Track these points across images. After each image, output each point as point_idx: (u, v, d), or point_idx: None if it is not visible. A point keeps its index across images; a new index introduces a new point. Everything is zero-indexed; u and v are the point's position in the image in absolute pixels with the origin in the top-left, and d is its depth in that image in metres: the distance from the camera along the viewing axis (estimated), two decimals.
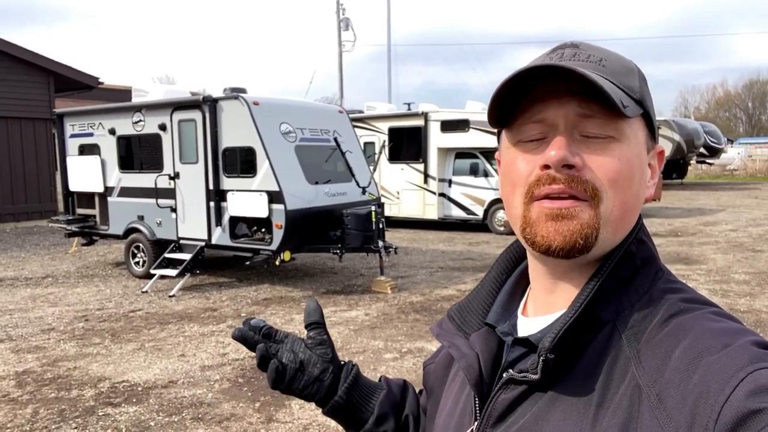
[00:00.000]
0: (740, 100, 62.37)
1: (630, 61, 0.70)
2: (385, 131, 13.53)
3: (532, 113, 0.66)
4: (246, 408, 4.10)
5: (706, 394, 0.53)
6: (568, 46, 0.69)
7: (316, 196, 7.59)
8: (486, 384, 0.72)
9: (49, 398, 4.30)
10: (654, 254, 0.70)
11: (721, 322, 0.60)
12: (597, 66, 0.66)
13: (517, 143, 0.68)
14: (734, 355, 0.54)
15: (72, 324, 6.25)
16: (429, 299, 7.06)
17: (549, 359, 0.63)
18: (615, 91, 0.62)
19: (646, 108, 0.67)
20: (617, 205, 0.64)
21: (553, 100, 0.64)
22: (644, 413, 0.56)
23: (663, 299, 0.65)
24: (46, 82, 15.50)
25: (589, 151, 0.64)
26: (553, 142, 0.64)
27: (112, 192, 8.99)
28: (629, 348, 0.62)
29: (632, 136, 0.65)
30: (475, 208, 12.79)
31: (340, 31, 25.10)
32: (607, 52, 0.69)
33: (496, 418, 0.69)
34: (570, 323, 0.64)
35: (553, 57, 0.68)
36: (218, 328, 6.03)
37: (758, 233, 11.85)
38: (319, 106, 9.39)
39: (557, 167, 0.63)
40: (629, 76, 0.67)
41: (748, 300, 6.69)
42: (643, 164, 0.67)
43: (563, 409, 0.63)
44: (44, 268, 9.35)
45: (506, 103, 0.67)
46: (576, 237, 0.64)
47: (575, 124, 0.64)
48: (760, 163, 34.67)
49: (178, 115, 8.08)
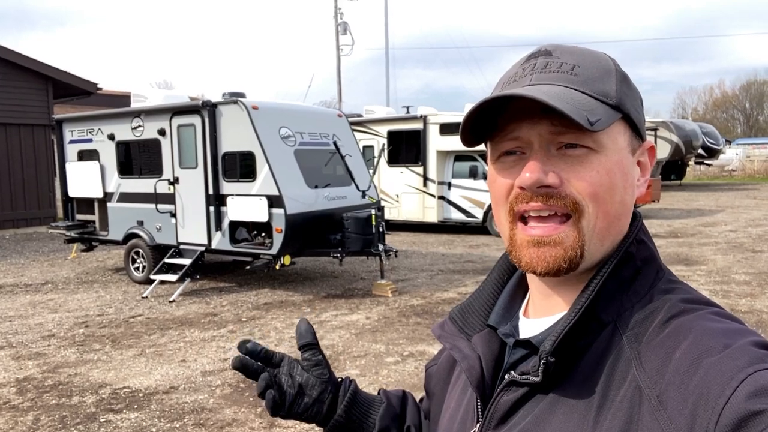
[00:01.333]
0: (738, 101, 62.50)
1: (606, 61, 0.69)
2: (384, 135, 13.54)
3: (507, 131, 0.66)
4: (248, 413, 4.08)
5: (706, 395, 0.53)
6: (542, 54, 0.69)
7: (316, 200, 7.59)
8: (488, 386, 0.72)
9: (50, 405, 4.29)
10: (654, 254, 0.70)
11: (722, 322, 0.60)
12: (568, 76, 0.65)
13: (496, 160, 0.69)
14: (734, 357, 0.54)
15: (72, 330, 6.23)
16: (430, 302, 7.05)
17: (550, 362, 0.63)
18: (582, 107, 0.62)
19: (625, 110, 0.66)
20: (600, 216, 0.65)
21: (526, 118, 0.65)
22: (645, 415, 0.56)
23: (664, 300, 0.64)
24: (45, 88, 15.50)
25: (566, 166, 0.64)
26: (527, 165, 0.64)
27: (112, 197, 8.97)
28: (630, 349, 0.62)
29: (610, 143, 0.65)
30: (475, 211, 12.79)
31: (338, 35, 25.14)
32: (581, 55, 0.68)
33: (498, 420, 0.69)
34: (571, 326, 0.64)
35: (526, 69, 0.68)
36: (219, 333, 6.01)
37: (758, 234, 11.86)
38: (319, 110, 9.40)
39: (532, 189, 0.64)
40: (605, 80, 0.66)
41: (748, 300, 6.69)
42: (626, 169, 0.67)
43: (564, 411, 0.63)
44: (44, 275, 9.33)
45: (479, 125, 0.67)
46: (560, 262, 0.65)
47: (550, 140, 0.64)
48: (759, 163, 34.69)
49: (177, 120, 8.08)
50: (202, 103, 7.75)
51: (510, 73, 0.71)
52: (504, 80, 0.71)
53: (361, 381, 4.63)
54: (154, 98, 8.89)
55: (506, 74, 0.72)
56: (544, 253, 0.65)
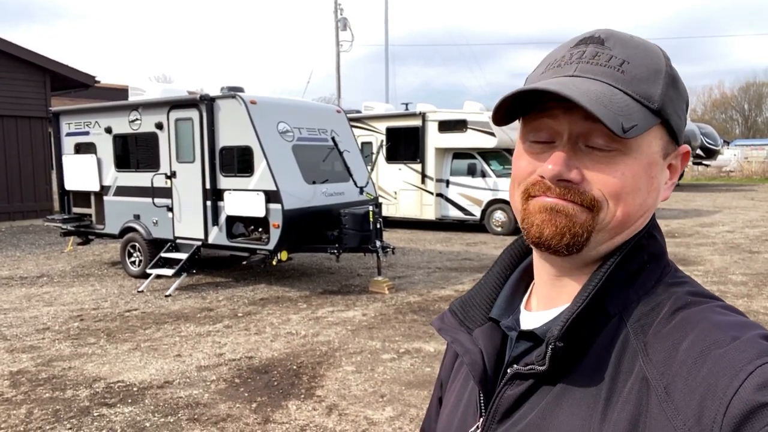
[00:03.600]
0: (736, 102, 62.59)
1: (659, 59, 0.66)
2: (382, 131, 13.51)
3: (542, 114, 0.66)
4: (242, 409, 4.07)
5: (714, 387, 0.53)
6: (594, 41, 0.66)
7: (314, 196, 7.56)
8: (491, 380, 0.72)
9: (43, 398, 4.26)
10: (663, 250, 0.70)
11: (729, 315, 0.60)
12: (614, 72, 0.63)
13: (526, 141, 0.69)
14: (742, 349, 0.54)
15: (67, 324, 6.20)
16: (427, 300, 7.03)
17: (558, 347, 0.62)
18: (619, 112, 0.60)
19: (666, 116, 0.64)
20: (618, 215, 0.64)
21: (561, 106, 0.64)
22: (653, 407, 0.56)
23: (670, 292, 0.64)
24: (42, 80, 15.42)
25: (591, 163, 0.64)
26: (552, 156, 0.64)
27: (108, 191, 8.93)
28: (636, 341, 0.62)
29: (643, 147, 0.64)
30: (473, 209, 12.78)
31: (338, 31, 25.07)
32: (635, 48, 0.65)
33: (502, 415, 0.68)
34: (579, 311, 0.63)
35: (574, 54, 0.66)
36: (215, 328, 5.99)
37: (755, 234, 11.87)
38: (317, 106, 9.36)
39: (552, 181, 0.64)
40: (651, 81, 0.64)
41: (745, 301, 6.69)
42: (654, 173, 0.66)
43: (571, 403, 0.62)
44: (39, 268, 9.29)
45: (513, 105, 0.66)
46: (565, 232, 0.64)
47: (581, 132, 0.63)
48: (756, 164, 34.76)
49: (174, 114, 8.04)
50: (200, 97, 7.70)
51: (557, 54, 0.69)
52: (549, 60, 0.69)
53: (356, 378, 4.62)
54: (151, 92, 8.84)
55: (553, 54, 0.70)
56: (554, 218, 0.65)
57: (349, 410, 4.03)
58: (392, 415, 3.95)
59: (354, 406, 4.09)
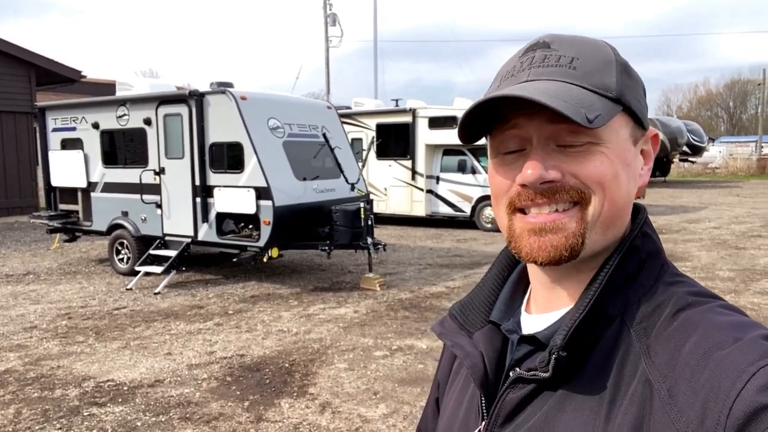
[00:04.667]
0: (721, 99, 63.27)
1: (606, 51, 0.67)
2: (372, 127, 13.47)
3: (506, 122, 0.66)
4: (235, 407, 4.04)
5: (717, 388, 0.52)
6: (540, 46, 0.67)
7: (305, 193, 7.52)
8: (492, 383, 0.71)
9: (32, 398, 4.20)
10: (659, 248, 0.69)
11: (730, 315, 0.60)
12: (567, 70, 0.64)
13: (497, 155, 0.68)
14: (745, 350, 0.54)
15: (55, 322, 6.12)
16: (418, 296, 7.04)
17: (561, 357, 0.62)
18: (581, 104, 0.60)
19: (626, 102, 0.65)
20: (606, 206, 0.64)
21: (524, 113, 0.64)
22: (656, 409, 0.56)
23: (670, 293, 0.64)
24: (27, 75, 15.19)
25: (567, 160, 0.64)
26: (528, 162, 0.63)
27: (96, 187, 8.82)
28: (639, 343, 0.61)
29: (612, 136, 0.64)
30: (463, 205, 12.80)
31: (327, 26, 24.94)
32: (581, 45, 0.66)
33: (504, 418, 0.68)
34: (580, 319, 0.63)
35: (524, 62, 0.67)
36: (205, 326, 5.95)
37: (741, 231, 12.01)
38: (308, 102, 9.31)
39: (534, 186, 0.63)
40: (604, 72, 0.64)
41: (733, 297, 6.76)
42: (629, 160, 0.66)
43: (574, 407, 0.62)
44: (25, 265, 9.16)
45: (477, 120, 0.66)
46: (560, 250, 0.64)
47: (549, 134, 0.63)
48: (741, 161, 35.21)
49: (163, 110, 7.95)
50: (190, 92, 7.63)
51: (508, 66, 0.69)
52: (502, 74, 0.69)
53: (349, 375, 4.60)
54: (139, 87, 8.74)
55: (504, 67, 0.70)
56: (545, 242, 0.64)
57: (342, 408, 4.02)
58: (386, 413, 3.95)
59: (347, 404, 4.08)
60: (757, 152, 39.22)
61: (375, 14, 26.23)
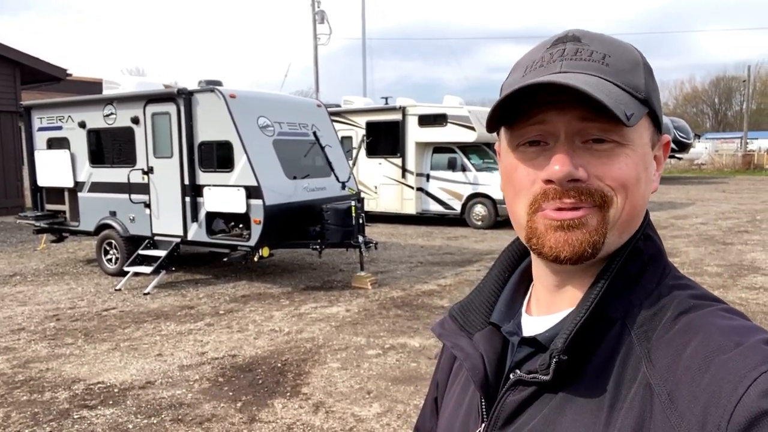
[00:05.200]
0: (707, 96, 63.90)
1: (635, 52, 0.66)
2: (362, 125, 13.45)
3: (531, 116, 0.64)
4: (227, 408, 4.01)
5: (718, 393, 0.52)
6: (570, 39, 0.65)
7: (295, 191, 7.49)
8: (492, 385, 0.71)
9: (21, 401, 4.15)
10: (661, 250, 0.69)
11: (732, 319, 0.60)
12: (600, 65, 0.63)
13: (516, 147, 0.66)
14: (747, 354, 0.53)
15: (43, 324, 6.05)
16: (410, 294, 7.03)
17: (562, 360, 0.62)
18: (619, 99, 0.60)
19: (652, 105, 0.64)
20: (627, 209, 0.63)
21: (553, 106, 0.62)
22: (656, 413, 0.56)
23: (672, 296, 0.63)
24: (12, 73, 14.98)
25: (593, 160, 0.62)
26: (555, 157, 0.62)
27: (83, 187, 8.72)
28: (640, 347, 0.61)
29: (637, 138, 0.64)
30: (453, 203, 12.82)
31: (316, 23, 24.84)
32: (611, 44, 0.66)
33: (504, 420, 0.67)
34: (582, 322, 0.62)
35: (554, 54, 0.65)
36: (196, 326, 5.90)
37: (728, 226, 12.14)
38: (298, 100, 9.27)
39: (562, 182, 0.62)
40: (634, 72, 0.64)
41: (721, 292, 6.83)
42: (648, 163, 0.66)
43: (575, 411, 0.61)
44: (12, 266, 9.04)
45: (503, 111, 0.64)
46: (585, 246, 0.63)
47: (577, 129, 0.62)
48: (727, 158, 35.59)
49: (151, 108, 7.87)
50: (178, 90, 7.56)
51: (534, 56, 0.67)
52: (526, 63, 0.67)
53: (342, 374, 4.59)
54: (126, 85, 8.64)
55: (528, 57, 0.68)
56: (570, 237, 0.63)
57: (335, 407, 4.01)
58: (379, 411, 3.94)
59: (341, 403, 4.07)
60: (743, 148, 39.67)
61: (363, 11, 26.18)
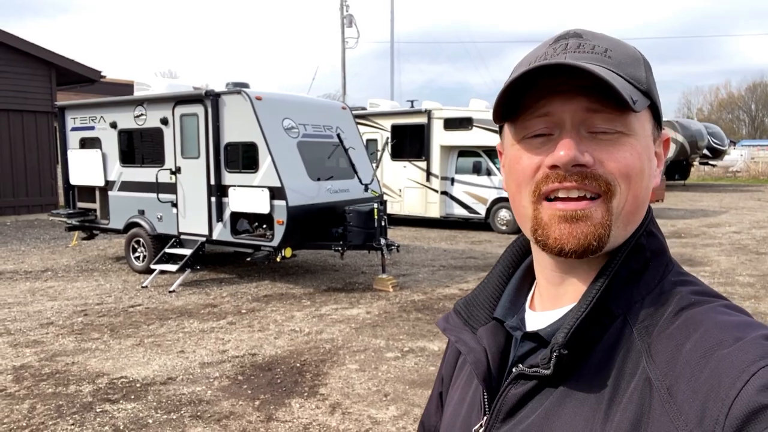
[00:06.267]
0: (743, 102, 62.19)
1: (634, 49, 0.68)
2: (387, 128, 13.46)
3: (536, 108, 0.65)
4: (245, 406, 4.04)
5: (717, 388, 0.52)
6: (571, 35, 0.67)
7: (318, 193, 7.53)
8: (494, 379, 0.72)
9: (46, 393, 4.25)
10: (664, 247, 0.69)
11: (733, 315, 0.60)
12: (603, 57, 0.64)
13: (521, 140, 0.67)
14: (746, 349, 0.54)
15: (71, 318, 6.20)
16: (431, 298, 7.00)
17: (563, 355, 0.62)
18: (624, 86, 0.61)
19: (653, 98, 0.65)
20: (630, 200, 0.64)
21: (558, 95, 0.63)
22: (655, 407, 0.56)
23: (674, 292, 0.64)
24: (48, 74, 15.43)
25: (598, 148, 0.63)
26: (561, 143, 0.62)
27: (113, 186, 8.93)
28: (640, 342, 0.61)
29: (640, 129, 0.64)
30: (478, 207, 12.73)
31: (344, 27, 25.00)
32: (611, 40, 0.67)
33: (506, 414, 0.68)
34: (583, 317, 0.63)
35: (557, 48, 0.66)
36: (218, 324, 5.97)
37: (762, 235, 11.78)
38: (322, 102, 9.33)
39: (567, 167, 0.62)
40: (635, 66, 0.65)
41: (753, 303, 6.63)
42: (651, 156, 0.67)
43: (574, 404, 0.62)
44: (44, 262, 9.30)
45: (510, 100, 0.66)
46: (590, 239, 0.63)
47: (582, 119, 0.63)
48: (763, 165, 34.54)
49: (180, 110, 8.02)
50: (206, 92, 7.68)
51: (538, 52, 0.68)
52: (530, 60, 0.68)
53: (360, 376, 4.59)
54: (157, 87, 8.83)
55: (532, 54, 0.69)
56: (575, 229, 0.63)
57: (352, 409, 4.01)
58: (396, 414, 3.92)
59: (357, 405, 4.07)
60: None
61: (392, 15, 26.24)
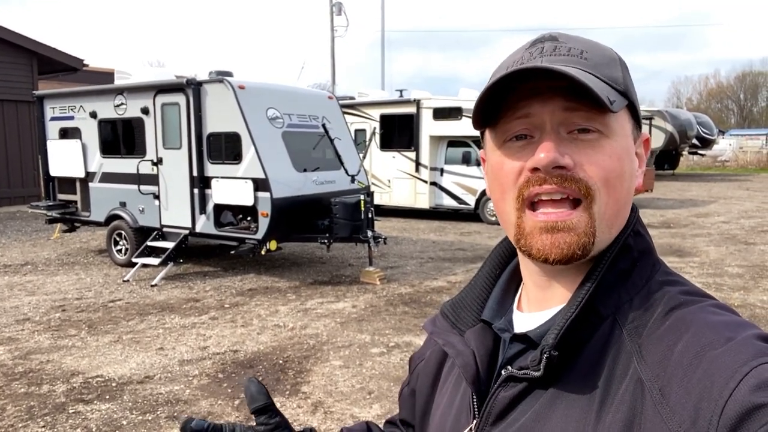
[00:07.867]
0: (732, 92, 62.45)
1: (610, 50, 0.68)
2: (376, 118, 13.29)
3: (515, 110, 0.64)
4: (224, 406, 3.92)
5: (710, 388, 0.52)
6: (547, 39, 0.67)
7: (304, 184, 7.38)
8: (483, 381, 0.71)
9: (18, 394, 4.10)
10: (651, 246, 0.69)
11: (723, 315, 0.60)
12: (579, 59, 0.64)
13: (502, 145, 0.67)
14: (738, 350, 0.53)
15: (48, 314, 6.03)
16: (418, 291, 6.90)
17: (553, 356, 0.62)
18: (600, 87, 0.60)
19: (631, 98, 0.65)
20: (611, 203, 0.64)
21: (536, 97, 0.63)
22: (648, 408, 0.55)
23: (662, 292, 0.63)
24: (29, 63, 15.09)
25: (578, 150, 0.63)
26: (541, 145, 0.62)
27: (94, 177, 8.72)
28: (631, 343, 0.61)
29: (619, 129, 0.64)
30: (467, 198, 12.63)
31: (333, 15, 24.68)
32: (586, 42, 0.67)
33: (496, 417, 0.67)
34: (572, 319, 0.62)
35: (533, 52, 0.66)
36: (200, 319, 5.83)
37: (750, 225, 11.78)
38: (308, 92, 9.14)
39: (547, 170, 0.62)
40: (612, 67, 0.65)
41: (742, 294, 6.58)
42: (632, 156, 0.66)
43: (565, 406, 0.61)
44: (24, 255, 9.09)
45: (489, 106, 0.65)
46: (573, 248, 0.63)
47: (561, 120, 0.63)
48: (751, 155, 34.71)
49: (161, 99, 7.81)
50: (187, 81, 7.47)
51: (514, 57, 0.68)
52: (507, 64, 0.67)
53: (344, 373, 4.48)
54: (138, 75, 8.60)
55: (509, 58, 0.69)
56: (558, 240, 0.63)
57: (334, 408, 3.90)
58: (380, 413, 3.82)
59: (340, 404, 3.96)
60: None
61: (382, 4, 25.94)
